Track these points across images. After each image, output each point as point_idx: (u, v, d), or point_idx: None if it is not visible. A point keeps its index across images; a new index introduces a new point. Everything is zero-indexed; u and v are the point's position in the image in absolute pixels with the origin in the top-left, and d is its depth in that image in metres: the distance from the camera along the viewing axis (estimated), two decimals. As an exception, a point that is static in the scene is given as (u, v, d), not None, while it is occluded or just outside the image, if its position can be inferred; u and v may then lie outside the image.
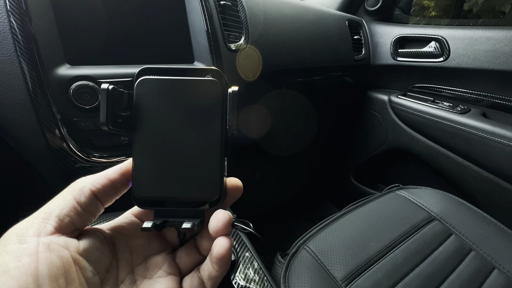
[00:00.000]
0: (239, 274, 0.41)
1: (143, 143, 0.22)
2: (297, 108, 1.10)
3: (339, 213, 0.63)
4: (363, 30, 1.00)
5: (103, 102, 0.20)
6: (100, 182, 0.20)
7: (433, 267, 0.52)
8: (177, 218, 0.22)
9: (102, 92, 0.20)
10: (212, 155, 0.22)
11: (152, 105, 0.22)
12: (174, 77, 0.22)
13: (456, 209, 0.65)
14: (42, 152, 0.38)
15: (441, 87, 0.91)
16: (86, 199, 0.19)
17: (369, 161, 1.15)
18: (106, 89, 0.20)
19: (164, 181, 0.22)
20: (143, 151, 0.22)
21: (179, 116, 0.22)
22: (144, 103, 0.22)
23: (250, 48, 0.59)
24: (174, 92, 0.22)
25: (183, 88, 0.22)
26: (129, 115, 0.22)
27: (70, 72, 0.37)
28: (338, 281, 0.47)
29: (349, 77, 1.07)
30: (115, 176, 0.20)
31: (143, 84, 0.22)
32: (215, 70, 0.22)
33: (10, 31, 0.33)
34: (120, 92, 0.21)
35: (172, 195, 0.22)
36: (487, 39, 0.76)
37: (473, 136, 0.75)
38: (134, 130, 0.22)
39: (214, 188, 0.22)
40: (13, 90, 0.34)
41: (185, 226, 0.21)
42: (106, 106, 0.20)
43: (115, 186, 0.21)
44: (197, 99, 0.22)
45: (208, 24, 0.50)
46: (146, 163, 0.22)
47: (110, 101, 0.20)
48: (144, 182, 0.22)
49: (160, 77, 0.22)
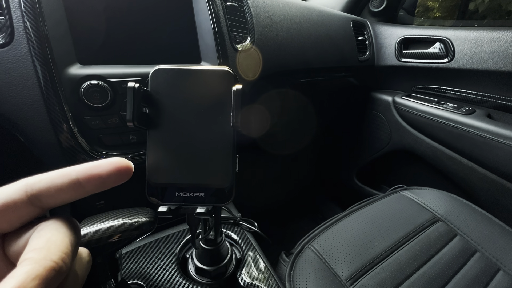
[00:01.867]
0: (245, 271, 0.41)
1: (158, 132, 0.23)
2: (299, 109, 1.10)
3: (343, 213, 0.64)
4: (367, 31, 1.00)
5: (129, 100, 0.21)
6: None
7: (437, 267, 0.52)
8: (190, 204, 0.23)
9: (128, 90, 0.21)
10: (225, 144, 0.23)
11: (166, 94, 0.22)
12: (188, 67, 0.23)
13: (461, 210, 0.64)
14: (53, 149, 0.38)
15: (445, 88, 0.91)
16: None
17: (373, 162, 1.14)
18: (132, 87, 0.21)
19: (177, 168, 0.23)
20: (158, 139, 0.23)
21: (193, 106, 0.23)
22: (158, 93, 0.22)
23: (251, 48, 0.60)
24: (188, 82, 0.23)
25: (197, 79, 0.23)
26: (149, 112, 0.23)
27: (81, 71, 0.38)
28: (343, 280, 0.48)
29: (353, 78, 1.07)
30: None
31: (157, 74, 0.22)
32: (226, 70, 0.23)
33: (24, 31, 0.33)
34: (144, 90, 0.22)
35: (185, 182, 0.23)
36: (492, 40, 0.76)
37: (478, 137, 0.74)
38: (149, 119, 0.23)
39: (226, 176, 0.23)
40: (26, 89, 0.34)
41: (199, 210, 0.22)
42: (132, 103, 0.21)
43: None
44: (211, 89, 0.23)
45: (215, 24, 0.50)
46: (160, 152, 0.23)
47: (136, 99, 0.21)
48: (158, 170, 0.23)
49: (174, 67, 0.23)
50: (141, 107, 0.22)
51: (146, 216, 0.29)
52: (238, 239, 0.47)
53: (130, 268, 0.40)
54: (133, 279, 0.39)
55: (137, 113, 0.21)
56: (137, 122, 0.21)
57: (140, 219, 0.28)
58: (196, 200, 0.23)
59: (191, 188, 0.23)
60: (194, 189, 0.23)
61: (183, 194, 0.23)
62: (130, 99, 0.21)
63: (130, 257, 0.42)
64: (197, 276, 0.39)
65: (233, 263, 0.41)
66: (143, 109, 0.22)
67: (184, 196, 0.23)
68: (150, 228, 0.29)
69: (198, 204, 0.23)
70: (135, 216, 0.29)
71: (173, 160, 0.23)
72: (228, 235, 0.48)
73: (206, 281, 0.39)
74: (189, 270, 0.41)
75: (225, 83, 0.23)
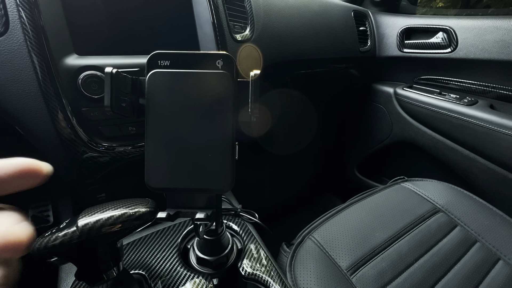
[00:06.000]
0: (246, 261, 0.41)
1: (155, 136, 0.22)
2: (299, 102, 1.09)
3: (344, 205, 0.64)
4: (369, 21, 0.99)
5: (107, 86, 0.20)
6: None
7: (437, 257, 0.52)
8: (190, 209, 0.23)
9: (106, 76, 0.20)
10: (224, 148, 0.22)
11: (164, 98, 0.22)
12: (185, 70, 0.22)
13: (461, 201, 0.64)
14: (52, 141, 0.38)
15: (448, 78, 0.90)
16: None
17: (373, 154, 1.14)
18: (110, 72, 0.20)
19: (176, 172, 0.22)
20: (156, 143, 0.22)
21: (191, 109, 0.22)
22: (156, 96, 0.22)
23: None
24: (185, 85, 0.22)
25: (194, 81, 0.22)
26: (133, 100, 0.22)
27: (79, 62, 0.38)
28: (343, 270, 0.48)
29: (354, 69, 1.06)
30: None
31: (154, 77, 0.22)
32: (225, 55, 0.22)
33: (19, 20, 0.33)
34: (123, 76, 0.21)
35: (185, 186, 0.23)
36: (496, 28, 0.75)
37: (480, 128, 0.74)
38: (146, 122, 0.22)
39: (226, 180, 0.22)
40: (23, 80, 0.34)
41: (198, 216, 0.22)
42: (110, 89, 0.20)
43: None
44: (209, 92, 0.22)
45: (214, 14, 0.49)
46: (159, 155, 0.22)
47: (114, 85, 0.21)
48: (157, 173, 0.22)
49: (171, 70, 0.22)
50: (122, 93, 0.21)
51: (146, 206, 0.29)
52: (239, 230, 0.47)
53: (132, 259, 0.41)
54: (135, 269, 0.39)
55: (116, 100, 0.21)
56: (116, 109, 0.21)
57: (141, 209, 0.28)
58: (195, 204, 0.23)
59: (190, 191, 0.23)
60: (194, 194, 0.23)
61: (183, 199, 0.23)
62: (108, 85, 0.20)
63: (131, 248, 0.43)
64: (199, 266, 0.40)
65: (234, 253, 0.41)
66: (125, 96, 0.22)
67: (183, 201, 0.23)
68: (151, 218, 0.29)
69: (197, 210, 0.23)
70: (135, 206, 0.29)
71: (172, 164, 0.22)
72: (229, 226, 0.48)
73: (208, 270, 0.39)
74: (191, 260, 0.41)
75: (223, 84, 0.22)
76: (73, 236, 0.24)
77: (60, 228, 0.25)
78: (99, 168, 0.43)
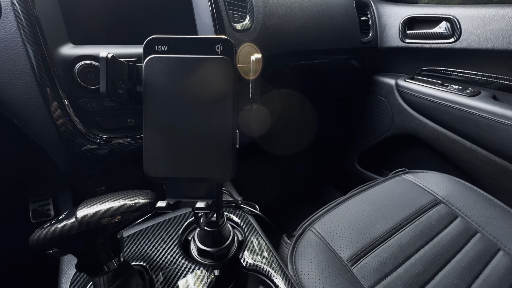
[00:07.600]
0: (247, 253, 0.41)
1: (153, 124, 0.21)
2: (299, 94, 1.08)
3: (345, 197, 0.64)
4: (370, 11, 0.97)
5: (102, 71, 0.20)
6: None
7: (438, 248, 0.52)
8: (190, 198, 0.23)
9: (101, 61, 0.19)
10: (224, 136, 0.22)
11: (162, 84, 0.21)
12: (183, 56, 0.21)
13: (462, 192, 0.64)
14: (50, 133, 0.38)
15: (450, 69, 0.89)
16: None
17: (374, 147, 1.14)
18: (105, 57, 0.19)
19: (176, 161, 0.22)
20: (154, 131, 0.22)
21: (190, 96, 0.21)
22: (153, 83, 0.21)
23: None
24: (184, 71, 0.21)
25: (193, 67, 0.21)
26: (130, 88, 0.22)
27: (74, 51, 0.37)
28: (344, 261, 0.48)
29: (355, 61, 1.04)
30: None
31: (152, 63, 0.21)
32: (225, 39, 0.22)
33: (12, 7, 0.32)
34: (119, 62, 0.21)
35: (184, 176, 0.22)
36: (501, 17, 0.73)
37: (482, 119, 0.73)
38: (144, 110, 0.21)
39: (227, 169, 0.22)
40: (17, 69, 0.33)
41: (199, 205, 0.21)
42: (106, 75, 0.20)
43: None
44: (208, 78, 0.21)
45: (212, 3, 0.48)
46: (158, 143, 0.22)
47: (110, 70, 0.20)
48: (156, 163, 0.22)
49: (169, 56, 0.21)
50: (118, 80, 0.20)
51: (146, 197, 0.29)
52: (239, 222, 0.47)
53: (132, 251, 0.41)
54: (136, 261, 0.39)
55: (112, 86, 0.20)
56: (112, 96, 0.20)
57: (140, 201, 0.28)
58: (195, 194, 0.23)
59: (190, 182, 0.22)
60: (194, 183, 0.22)
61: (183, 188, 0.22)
62: (103, 71, 0.19)
63: (132, 240, 0.43)
64: (200, 257, 0.40)
65: (235, 244, 0.41)
66: (121, 82, 0.21)
67: (183, 190, 0.22)
68: (151, 209, 0.28)
69: (197, 199, 0.23)
70: (135, 197, 0.28)
71: (171, 153, 0.22)
72: (229, 218, 0.48)
73: (209, 262, 0.39)
74: (192, 252, 0.41)
75: (223, 70, 0.21)
76: (72, 227, 0.23)
77: (59, 219, 0.25)
78: (98, 160, 0.42)
